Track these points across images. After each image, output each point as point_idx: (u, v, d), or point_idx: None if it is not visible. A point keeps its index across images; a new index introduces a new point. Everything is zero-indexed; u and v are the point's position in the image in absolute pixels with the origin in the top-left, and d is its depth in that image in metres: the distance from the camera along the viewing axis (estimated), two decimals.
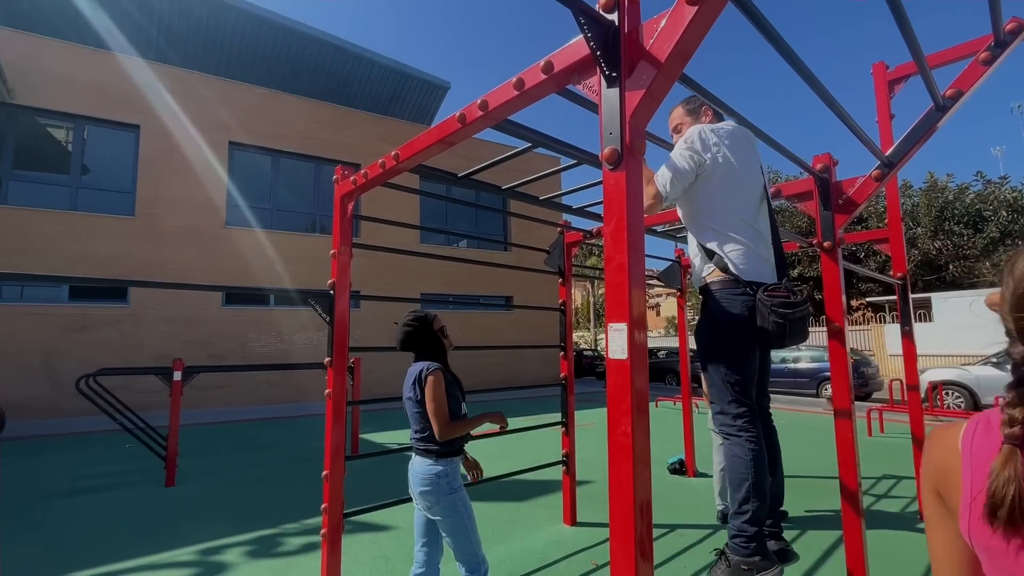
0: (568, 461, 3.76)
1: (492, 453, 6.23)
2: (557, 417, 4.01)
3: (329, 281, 2.59)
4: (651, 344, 25.97)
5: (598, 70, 1.33)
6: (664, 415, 9.60)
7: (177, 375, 5.05)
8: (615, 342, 1.23)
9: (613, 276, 1.24)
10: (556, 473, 4.70)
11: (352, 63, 17.07)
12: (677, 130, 2.20)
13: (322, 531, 2.53)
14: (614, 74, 1.30)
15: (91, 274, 10.07)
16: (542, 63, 1.51)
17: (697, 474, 5.22)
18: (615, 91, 1.29)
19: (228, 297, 11.75)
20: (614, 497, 1.23)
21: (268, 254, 12.14)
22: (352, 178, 2.52)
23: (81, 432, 8.51)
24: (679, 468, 5.24)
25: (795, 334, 1.89)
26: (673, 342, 24.28)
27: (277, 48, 15.78)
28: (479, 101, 1.73)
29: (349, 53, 16.82)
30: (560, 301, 3.87)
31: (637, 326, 1.23)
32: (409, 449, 3.49)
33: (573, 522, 3.82)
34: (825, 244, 2.57)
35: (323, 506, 2.53)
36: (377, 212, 5.04)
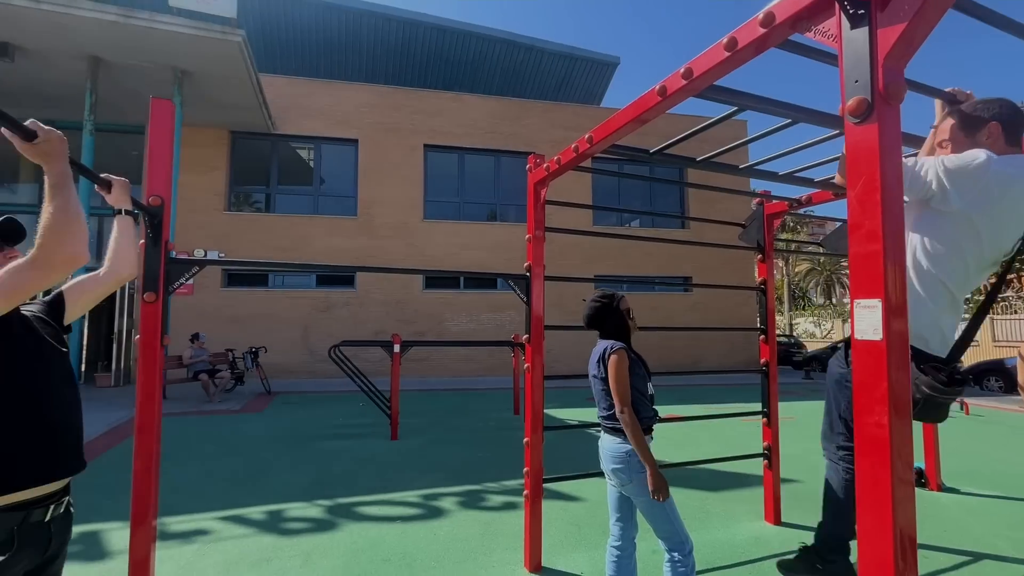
0: (770, 455, 3.44)
1: (674, 439, 6.02)
2: (745, 406, 3.68)
3: (525, 264, 2.78)
4: None
5: (838, 9, 1.16)
6: None
7: (397, 347, 5.99)
8: (865, 321, 1.08)
9: (862, 246, 1.09)
10: (750, 467, 4.34)
11: (523, 55, 17.73)
12: (942, 145, 1.67)
13: (525, 492, 2.77)
14: (861, 11, 1.12)
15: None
16: (760, 16, 1.37)
17: (944, 488, 4.29)
18: (862, 31, 1.11)
19: (427, 281, 13.43)
20: (865, 511, 1.06)
21: (457, 242, 13.51)
22: (545, 165, 2.64)
23: (326, 391, 10.68)
24: (915, 478, 4.37)
25: (928, 413, 1.65)
26: None
27: (459, 52, 17.22)
28: (682, 70, 1.65)
29: (520, 46, 17.50)
30: (759, 279, 3.51)
31: (895, 303, 1.06)
32: (592, 426, 3.57)
33: (777, 521, 3.49)
34: None
35: (525, 470, 2.77)
36: (549, 195, 5.19)
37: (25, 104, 9.85)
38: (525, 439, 2.79)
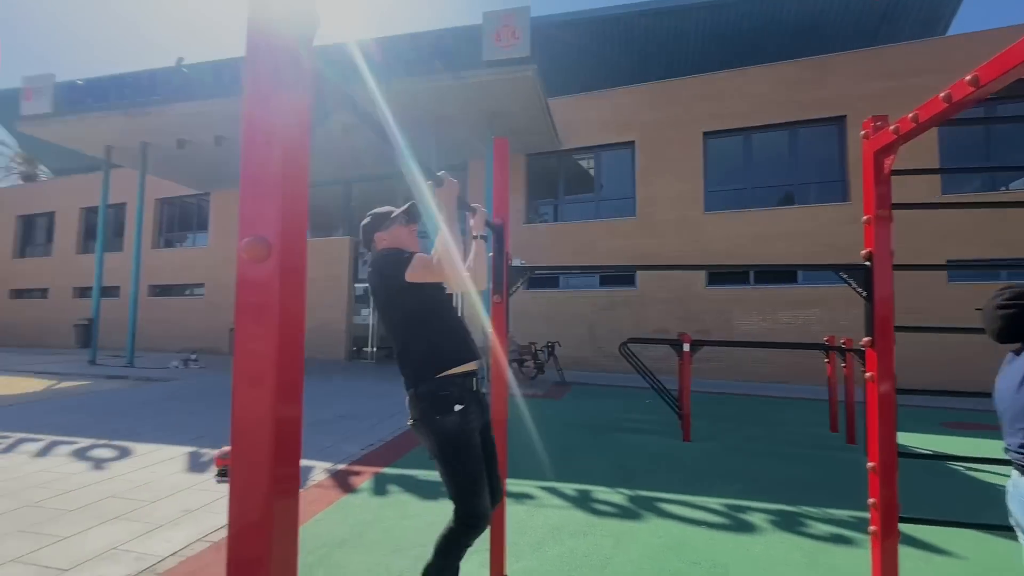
0: None
1: None
2: None
3: (863, 251, 2.31)
4: None
5: None
6: None
7: (686, 346, 5.83)
8: None
9: None
10: None
11: (821, 3, 14.84)
12: None
13: (871, 528, 2.29)
14: None
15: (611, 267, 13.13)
16: None
17: None
18: None
19: (710, 278, 12.66)
20: None
21: (745, 233, 12.29)
22: (893, 127, 2.13)
23: (612, 385, 11.19)
24: None
25: None
26: None
27: (737, 25, 15.65)
28: None
29: None
30: None
31: None
32: (954, 459, 2.68)
33: None
34: None
35: (871, 501, 2.29)
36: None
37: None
38: (869, 463, 2.31)
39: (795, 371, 11.34)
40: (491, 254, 2.61)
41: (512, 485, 4.21)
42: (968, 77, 1.68)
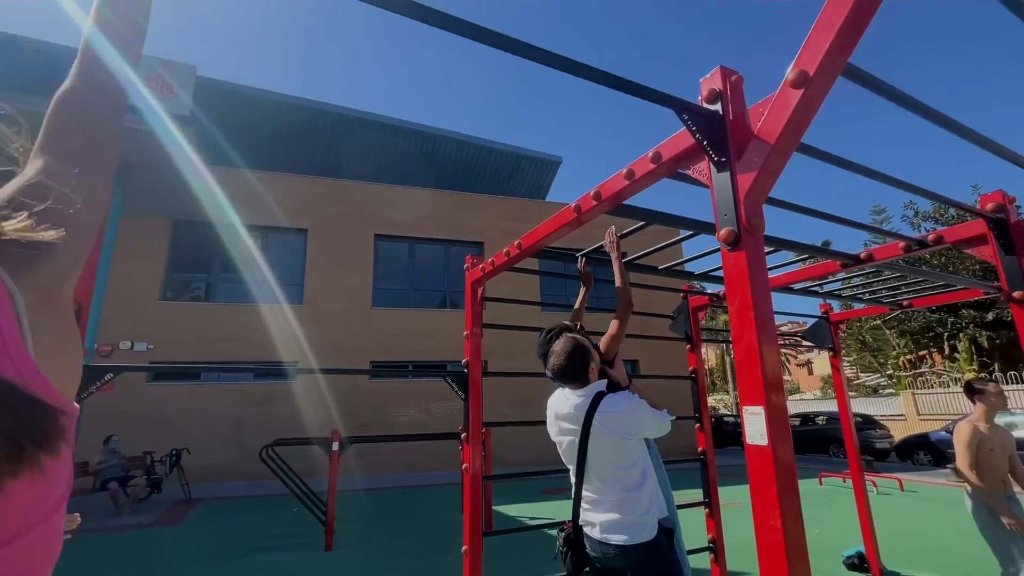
0: (716, 548, 3.40)
1: None
2: (696, 495, 3.69)
3: (463, 360, 2.82)
4: (807, 408, 22.67)
5: (706, 157, 1.39)
6: (832, 495, 8.21)
7: (335, 445, 5.66)
8: (752, 427, 1.19)
9: (743, 357, 1.22)
10: (701, 561, 4.25)
11: (472, 152, 18.94)
12: None
13: None
14: (723, 159, 1.34)
15: (273, 355, 11.96)
16: (650, 154, 1.61)
17: (885, 573, 4.33)
18: (726, 175, 1.33)
19: (373, 371, 13.05)
20: None
21: (407, 330, 13.38)
22: (480, 266, 2.79)
23: (259, 495, 9.73)
24: (858, 563, 4.40)
25: None
26: (832, 405, 20.90)
27: (413, 149, 18.18)
28: (592, 192, 1.87)
29: (470, 144, 18.73)
30: (690, 369, 3.69)
31: (775, 407, 1.18)
32: (549, 526, 3.44)
33: None
34: (1015, 295, 2.18)
35: None
36: (500, 290, 5.38)
37: None
38: (464, 547, 2.65)
39: (447, 458, 12.45)
40: None
41: None
42: (516, 243, 2.38)
